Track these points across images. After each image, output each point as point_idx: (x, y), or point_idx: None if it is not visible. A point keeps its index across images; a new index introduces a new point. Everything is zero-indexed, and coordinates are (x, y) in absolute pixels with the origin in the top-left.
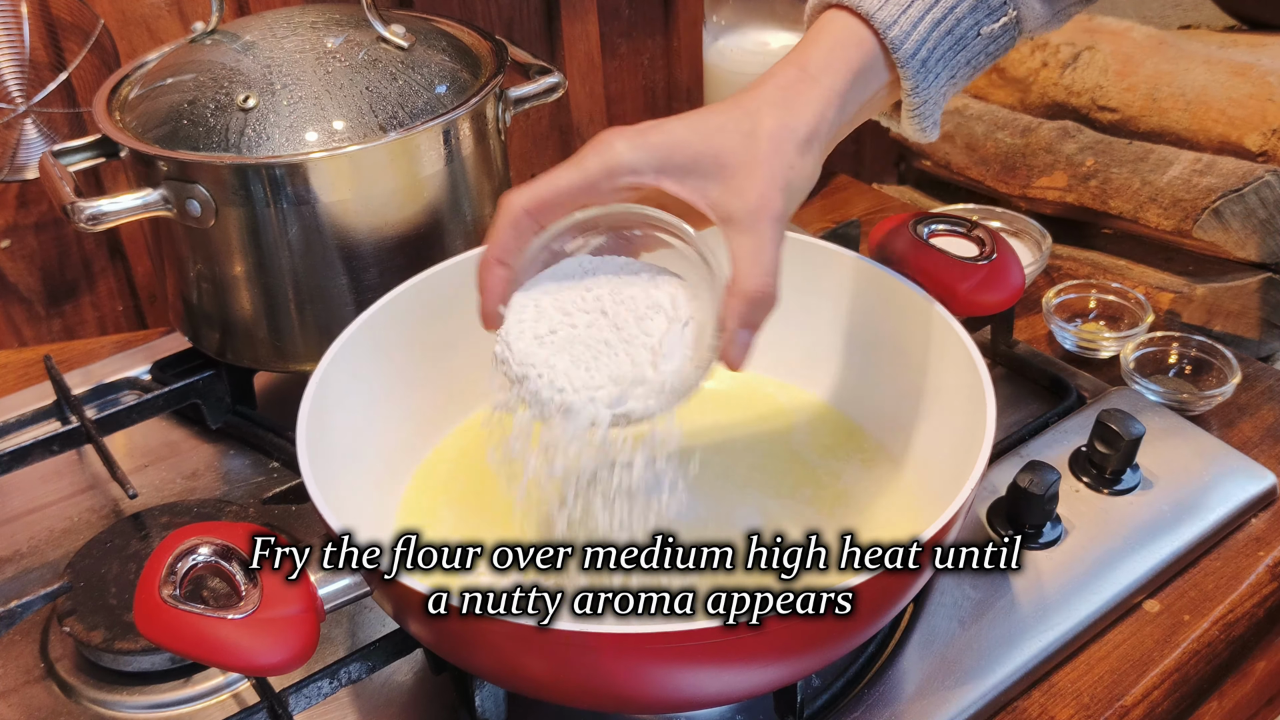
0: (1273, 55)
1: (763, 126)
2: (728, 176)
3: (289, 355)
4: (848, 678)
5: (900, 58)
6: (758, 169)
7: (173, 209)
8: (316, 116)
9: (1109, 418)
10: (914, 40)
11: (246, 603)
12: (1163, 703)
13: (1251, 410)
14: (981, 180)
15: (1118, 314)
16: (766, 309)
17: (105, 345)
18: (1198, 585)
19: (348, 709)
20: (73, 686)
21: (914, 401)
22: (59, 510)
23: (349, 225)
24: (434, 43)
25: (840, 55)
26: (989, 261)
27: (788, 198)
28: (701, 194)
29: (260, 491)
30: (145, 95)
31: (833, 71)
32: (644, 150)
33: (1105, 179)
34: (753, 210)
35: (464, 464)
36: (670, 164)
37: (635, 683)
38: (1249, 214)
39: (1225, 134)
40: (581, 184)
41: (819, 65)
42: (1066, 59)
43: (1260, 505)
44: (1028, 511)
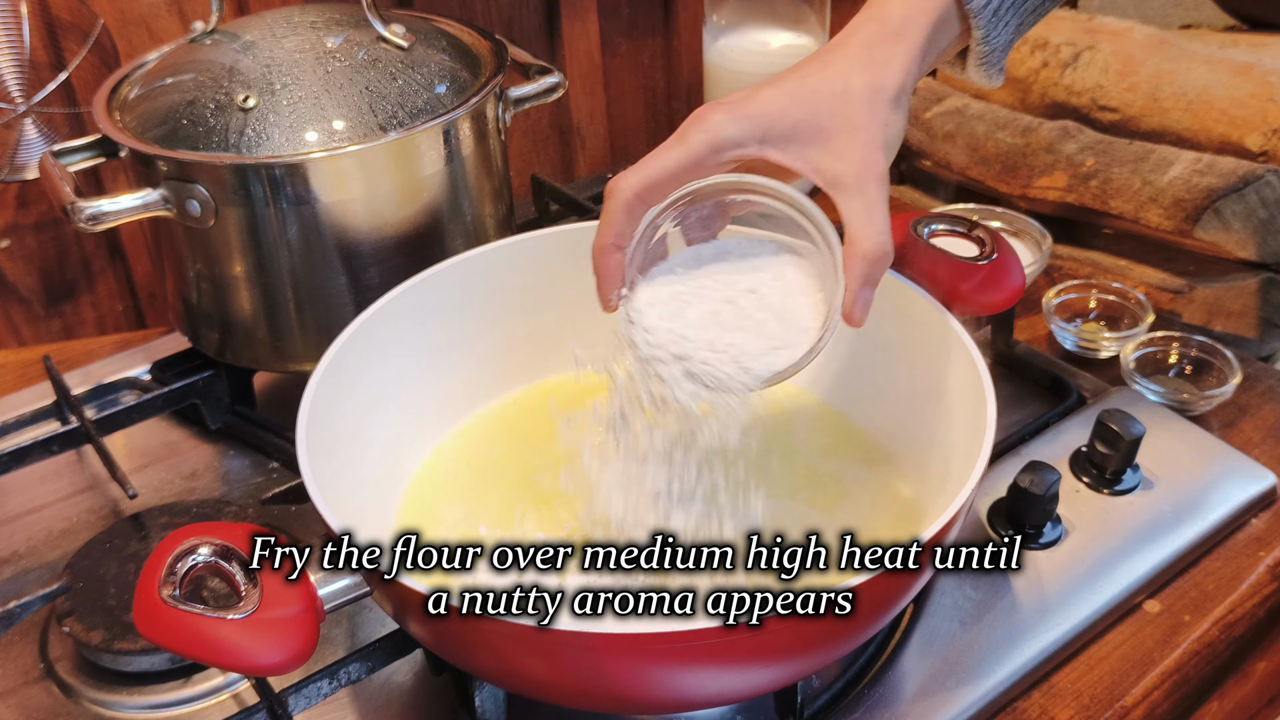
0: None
1: (854, 88)
2: (828, 140)
3: (288, 355)
4: (848, 678)
5: (973, 8)
6: (857, 132)
7: (172, 209)
8: (316, 116)
9: (1109, 418)
10: None
11: (246, 603)
12: (1163, 703)
13: (1252, 410)
14: (982, 180)
15: (1118, 314)
16: (884, 266)
17: (105, 345)
18: (1198, 585)
19: (347, 709)
20: (72, 687)
21: (914, 402)
22: (58, 510)
23: (349, 225)
24: (434, 42)
25: (919, 9)
26: (989, 261)
27: (887, 155)
28: (805, 160)
29: (260, 492)
30: (145, 95)
31: (914, 27)
32: (745, 123)
33: (1106, 179)
34: (858, 173)
35: (464, 464)
36: (772, 133)
37: (635, 683)
38: (1249, 214)
39: (1226, 134)
40: (689, 163)
41: (899, 21)
42: (1067, 59)
43: (1260, 505)
44: (1028, 512)
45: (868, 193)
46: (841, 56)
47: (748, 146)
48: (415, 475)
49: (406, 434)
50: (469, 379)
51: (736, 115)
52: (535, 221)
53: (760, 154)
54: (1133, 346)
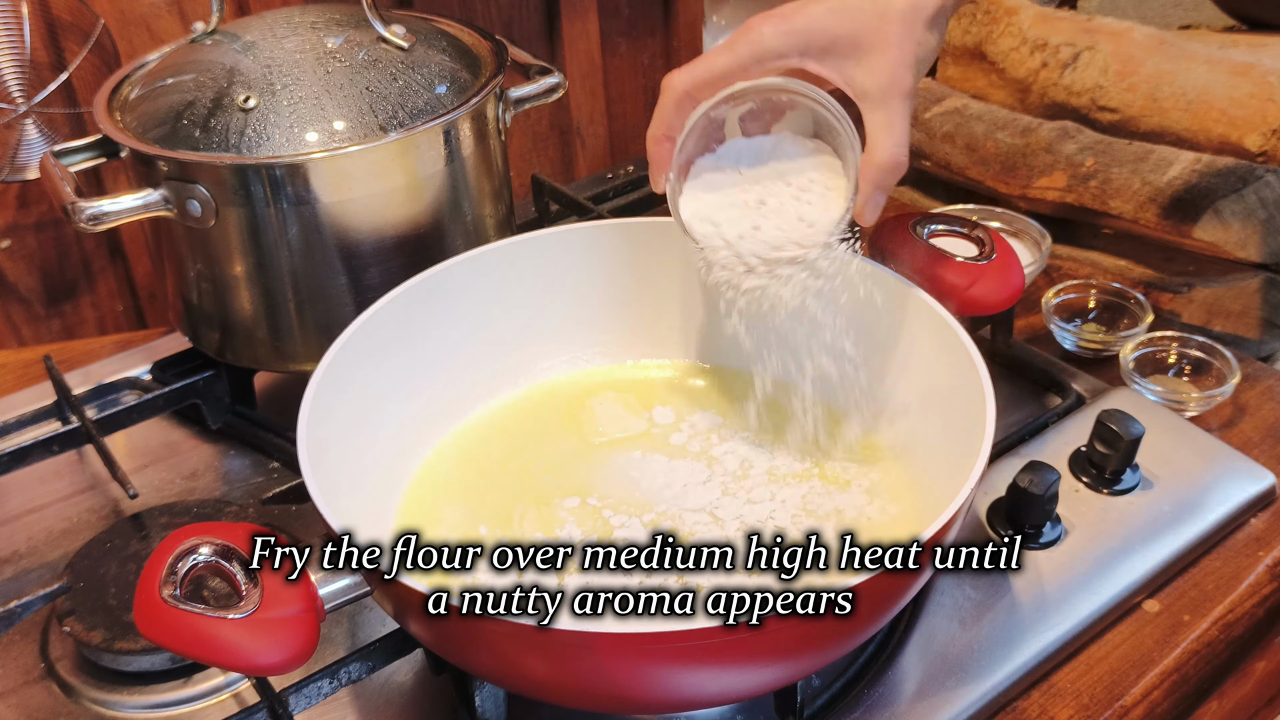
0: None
1: (894, 5)
2: (862, 55)
3: (289, 355)
4: (848, 678)
5: None
6: (890, 49)
7: (173, 209)
8: (317, 117)
9: (1109, 418)
10: None
11: (247, 603)
12: (1163, 703)
13: (1251, 410)
14: (981, 180)
15: (1117, 314)
16: (897, 175)
17: (105, 345)
18: (1197, 585)
19: (348, 709)
20: (73, 686)
21: (914, 401)
22: (59, 510)
23: (349, 225)
24: (434, 43)
25: None
26: (989, 261)
27: (916, 73)
28: (839, 72)
29: (260, 491)
30: (146, 95)
31: None
32: (789, 37)
33: (1105, 179)
34: (884, 87)
35: (465, 464)
36: (812, 46)
37: (635, 683)
38: (1249, 214)
39: (1225, 134)
40: (735, 67)
41: None
42: (1066, 59)
43: (1260, 505)
44: (1027, 511)
45: (891, 108)
46: None
47: (789, 58)
48: (415, 475)
49: (407, 434)
50: (469, 379)
51: (783, 29)
52: (535, 222)
53: (800, 64)
54: (1132, 346)
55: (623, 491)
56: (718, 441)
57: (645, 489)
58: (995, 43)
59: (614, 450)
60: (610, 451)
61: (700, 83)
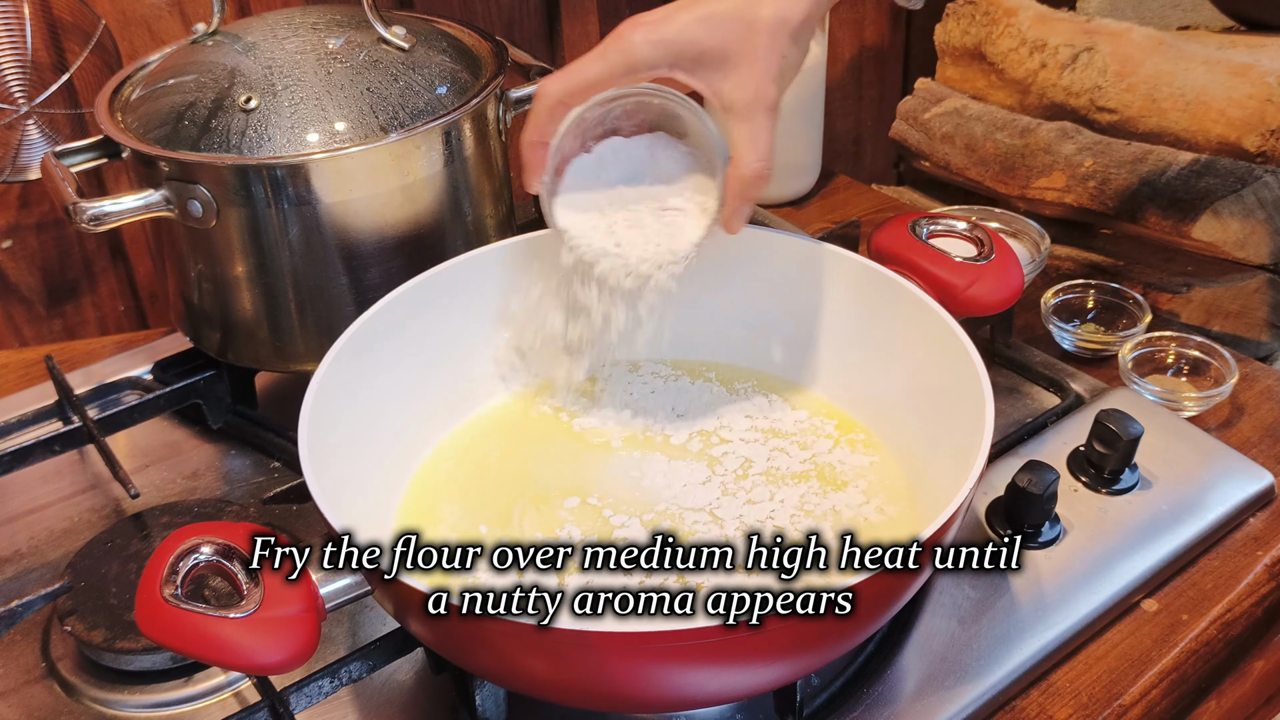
0: (1271, 56)
1: (761, 18)
2: (729, 68)
3: (290, 355)
4: (847, 677)
5: None
6: (757, 62)
7: (174, 209)
8: (318, 117)
9: (1107, 417)
10: None
11: (248, 602)
12: (1161, 702)
13: (1250, 410)
14: (980, 181)
15: (1116, 314)
16: (761, 186)
17: (106, 345)
18: (1196, 585)
19: (348, 708)
20: (74, 686)
21: (913, 401)
22: (60, 510)
23: (350, 226)
24: (435, 44)
25: None
26: (988, 262)
27: (780, 86)
28: (708, 84)
29: (261, 491)
30: (147, 96)
31: None
32: (659, 47)
33: (1104, 179)
34: (750, 101)
35: (465, 463)
36: (682, 58)
37: (635, 682)
38: (1247, 214)
39: (1224, 134)
40: (607, 75)
41: None
42: (1065, 60)
43: (1258, 505)
44: (1026, 511)
45: (756, 121)
46: None
47: (659, 68)
48: (415, 475)
49: (407, 434)
50: (469, 379)
51: (654, 40)
52: (535, 222)
53: (670, 75)
54: (1131, 346)
55: (623, 491)
56: (718, 442)
57: (645, 489)
58: (994, 43)
59: (614, 450)
60: (610, 451)
61: (573, 90)
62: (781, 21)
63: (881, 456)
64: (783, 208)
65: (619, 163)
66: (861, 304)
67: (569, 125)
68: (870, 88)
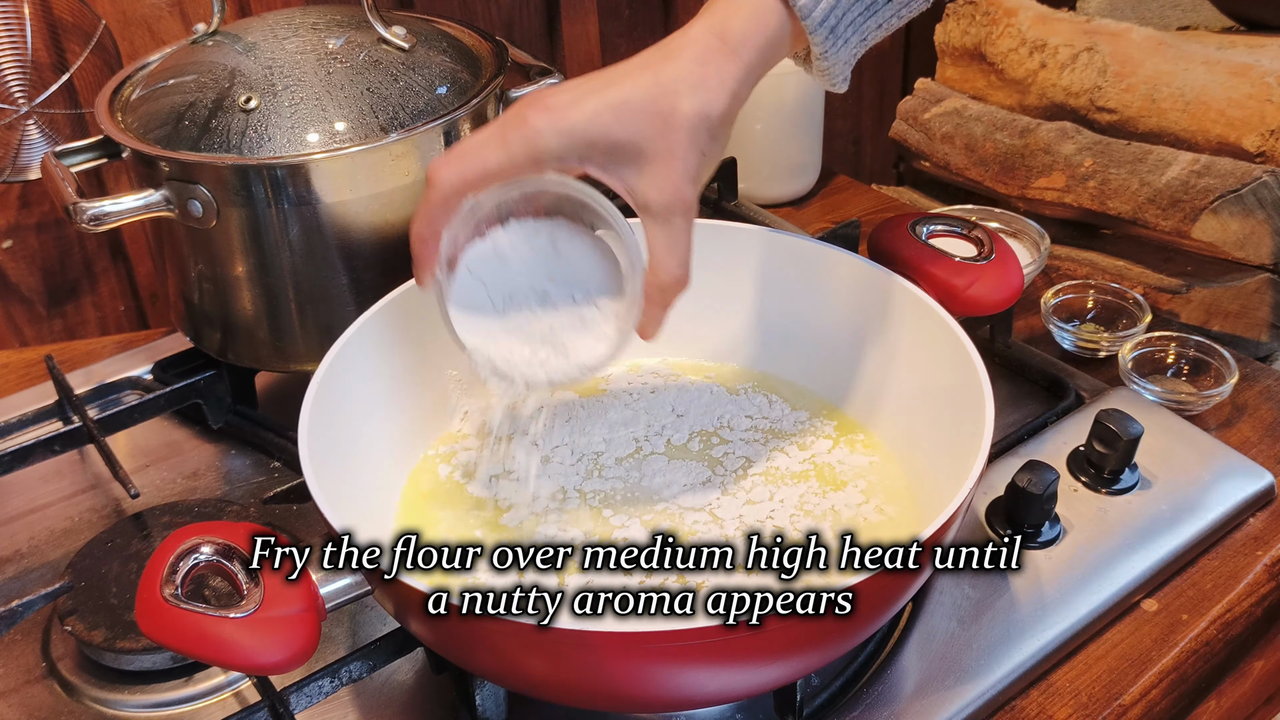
0: (1271, 56)
1: (680, 112)
2: (644, 164)
3: (290, 355)
4: (847, 677)
5: (809, 25)
6: (674, 162)
7: (174, 209)
8: (318, 117)
9: (1107, 417)
10: (822, 8)
11: (248, 602)
12: (1161, 702)
13: (1250, 410)
14: (980, 181)
15: (1116, 314)
16: (679, 292)
17: (107, 345)
18: (1196, 584)
19: (348, 708)
20: (74, 685)
21: (913, 401)
22: (60, 510)
23: (350, 226)
24: (435, 44)
25: (758, 25)
26: (988, 262)
27: (698, 185)
28: (621, 181)
29: (261, 491)
30: (147, 96)
31: (751, 45)
32: (568, 138)
33: (1104, 179)
34: (667, 204)
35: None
36: (593, 152)
37: (635, 682)
38: (1247, 214)
39: (1224, 135)
40: (509, 167)
41: (739, 37)
42: (1065, 60)
43: (1258, 505)
44: (1026, 511)
45: (673, 223)
46: (673, 72)
47: (568, 161)
48: (415, 475)
49: (407, 434)
50: (469, 379)
51: (560, 128)
52: None
53: (580, 168)
54: (1130, 346)
55: (623, 491)
56: (718, 442)
57: (645, 489)
58: (994, 43)
59: (614, 449)
60: (610, 451)
61: (470, 180)
62: (702, 117)
63: (881, 456)
64: (783, 208)
65: (518, 255)
66: (862, 304)
67: (463, 215)
68: (870, 88)
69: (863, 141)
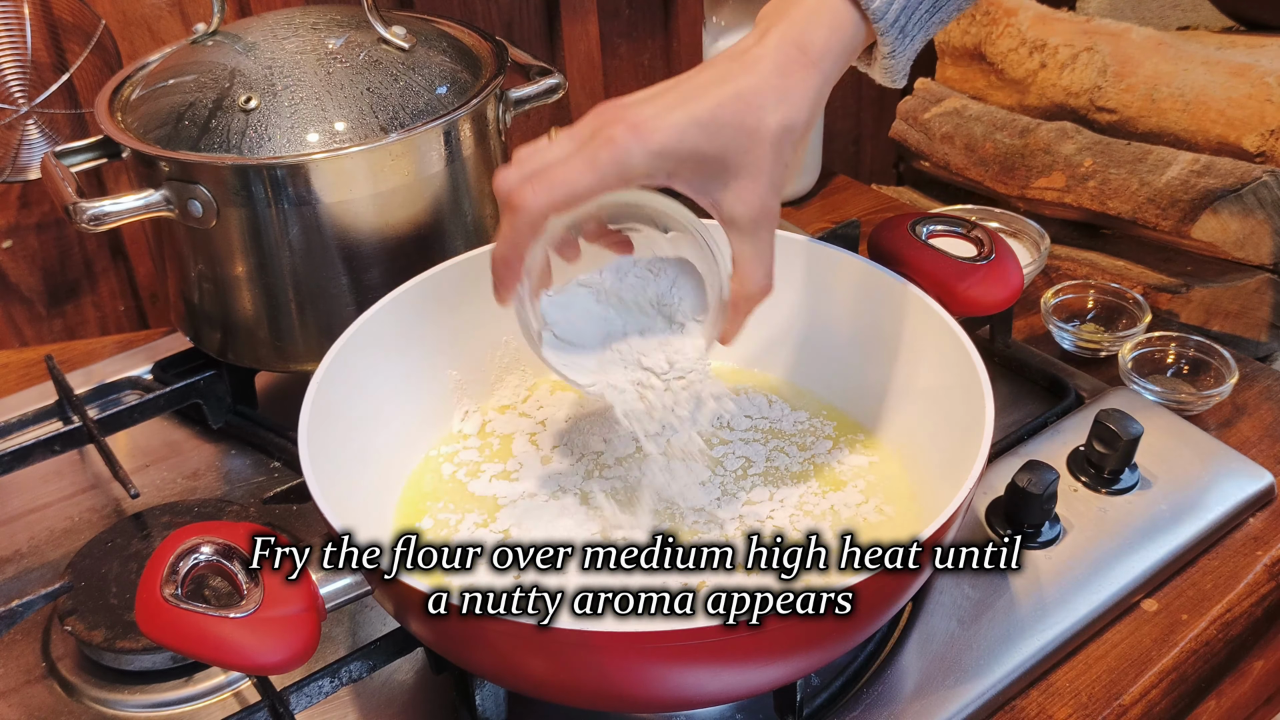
0: (1271, 56)
1: (766, 125)
2: (730, 178)
3: (290, 355)
4: (847, 677)
5: (881, 27)
6: (760, 176)
7: (174, 209)
8: (318, 117)
9: (1107, 417)
10: (894, 10)
11: (248, 602)
12: (1161, 702)
13: (1249, 410)
14: (980, 181)
15: (1116, 314)
16: (763, 300)
17: (107, 345)
18: (1196, 585)
19: (348, 708)
20: (74, 685)
21: (913, 401)
22: (60, 510)
23: (350, 226)
24: (435, 44)
25: (837, 35)
26: (987, 262)
27: (781, 197)
28: (708, 196)
29: (261, 491)
30: (147, 96)
31: (831, 55)
32: (658, 158)
33: (1104, 179)
34: (754, 218)
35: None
36: (681, 169)
37: (635, 682)
38: (1247, 214)
39: (1223, 135)
40: (599, 189)
41: (820, 48)
42: (1065, 60)
43: (1258, 505)
44: (1026, 511)
45: (760, 238)
46: (755, 82)
47: (656, 178)
48: (416, 474)
49: (407, 433)
50: (470, 378)
51: (650, 148)
52: None
53: (668, 184)
54: (1130, 346)
55: (623, 491)
56: (718, 442)
57: (645, 489)
58: (994, 43)
59: (614, 450)
60: (610, 451)
61: (559, 204)
62: (787, 130)
63: (881, 456)
64: (783, 208)
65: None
66: (861, 304)
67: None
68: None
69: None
